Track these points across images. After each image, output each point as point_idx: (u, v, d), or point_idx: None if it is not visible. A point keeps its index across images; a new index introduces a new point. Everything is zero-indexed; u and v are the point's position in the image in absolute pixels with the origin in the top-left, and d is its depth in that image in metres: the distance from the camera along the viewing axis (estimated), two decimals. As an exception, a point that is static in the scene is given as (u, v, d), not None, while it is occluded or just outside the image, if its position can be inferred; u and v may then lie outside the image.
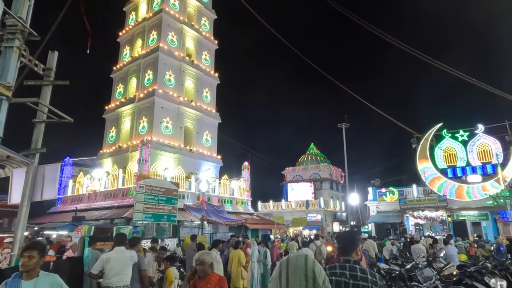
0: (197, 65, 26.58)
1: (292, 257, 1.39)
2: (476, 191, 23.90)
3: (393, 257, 12.07)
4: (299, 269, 1.31)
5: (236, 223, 18.44)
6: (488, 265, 7.09)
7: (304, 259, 1.40)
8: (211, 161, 25.89)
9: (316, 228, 35.48)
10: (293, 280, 1.29)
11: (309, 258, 1.43)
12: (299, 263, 1.31)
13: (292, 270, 1.32)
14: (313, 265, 1.34)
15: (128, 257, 5.00)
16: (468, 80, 9.09)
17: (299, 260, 1.32)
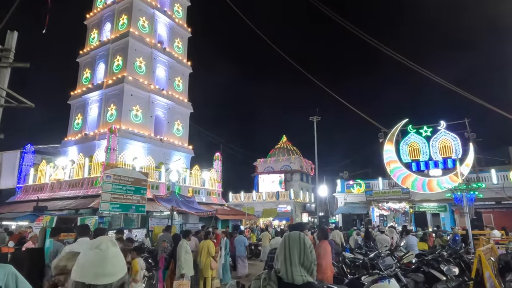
0: (169, 53, 25.92)
1: (292, 233, 2.05)
2: (435, 184, 25.21)
3: (358, 246, 12.54)
4: (296, 240, 1.99)
5: (206, 214, 18.38)
6: (444, 254, 7.55)
7: (299, 234, 2.04)
8: (182, 151, 25.54)
9: (286, 219, 36.15)
10: (293, 246, 1.95)
11: (301, 234, 2.05)
12: (296, 236, 2.01)
13: (292, 240, 1.99)
14: (304, 238, 2.02)
15: None
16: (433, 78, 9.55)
17: (296, 234, 2.02)
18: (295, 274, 1.87)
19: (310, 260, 1.93)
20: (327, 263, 5.65)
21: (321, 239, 6.00)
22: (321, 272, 5.46)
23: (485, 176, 24.65)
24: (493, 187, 23.02)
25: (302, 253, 1.92)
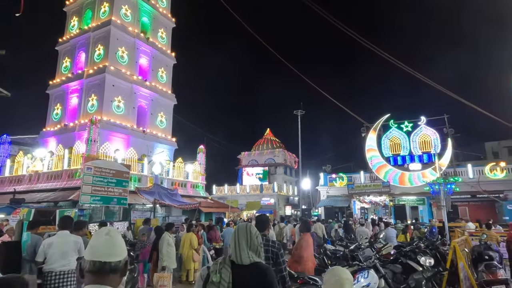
0: (152, 43, 25.42)
1: (240, 224, 2.52)
2: (416, 178, 25.90)
3: (339, 238, 12.79)
4: (243, 229, 2.41)
5: (189, 207, 18.31)
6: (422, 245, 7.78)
7: (246, 225, 2.48)
8: (165, 144, 25.25)
9: (269, 211, 36.37)
10: (241, 234, 2.36)
11: (249, 224, 2.50)
12: (243, 226, 2.46)
13: (240, 229, 2.42)
14: (250, 227, 2.45)
15: (72, 241, 4.77)
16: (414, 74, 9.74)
17: (243, 225, 2.48)
18: (243, 256, 2.28)
19: (256, 244, 2.34)
20: (309, 255, 5.74)
21: (303, 232, 6.09)
22: (303, 263, 5.55)
23: (462, 170, 25.48)
24: (469, 181, 23.85)
25: (248, 239, 2.33)
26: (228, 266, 2.25)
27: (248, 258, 2.27)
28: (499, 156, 32.50)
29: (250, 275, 2.23)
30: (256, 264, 2.28)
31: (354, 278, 4.98)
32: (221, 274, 2.22)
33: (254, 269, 2.26)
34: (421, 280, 5.17)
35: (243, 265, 2.26)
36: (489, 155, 34.56)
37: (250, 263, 2.26)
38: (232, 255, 2.32)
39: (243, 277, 2.22)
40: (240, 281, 2.20)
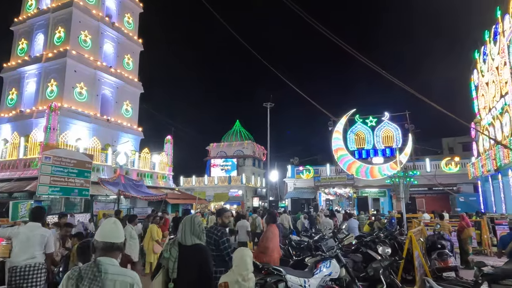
0: (118, 28, 24.36)
1: (187, 216, 3.17)
2: (377, 171, 26.99)
3: (304, 229, 13.10)
4: (189, 219, 3.09)
5: (155, 198, 17.95)
6: (381, 235, 8.15)
7: (191, 216, 3.14)
8: (131, 133, 24.47)
9: (237, 203, 36.55)
10: (187, 223, 3.04)
11: (194, 215, 3.15)
12: (189, 217, 3.12)
13: (186, 220, 3.09)
14: (194, 218, 3.12)
15: (40, 235, 4.52)
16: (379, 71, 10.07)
17: (189, 216, 3.14)
18: (187, 239, 2.99)
19: (198, 231, 3.04)
20: (275, 246, 5.83)
21: (270, 223, 6.16)
22: (268, 254, 5.63)
23: (420, 164, 26.89)
24: (426, 175, 25.21)
25: (192, 227, 3.02)
26: (176, 246, 2.97)
27: (191, 240, 2.98)
28: (454, 152, 34.59)
29: (192, 252, 2.95)
30: (196, 245, 3.00)
31: (316, 267, 5.13)
32: (171, 252, 2.93)
33: (195, 249, 2.97)
34: (379, 268, 5.42)
35: (186, 246, 2.97)
36: (445, 150, 36.68)
37: (191, 244, 2.98)
38: (179, 238, 3.03)
39: (186, 254, 2.93)
40: (184, 257, 2.92)
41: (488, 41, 18.69)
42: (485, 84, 19.74)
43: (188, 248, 2.95)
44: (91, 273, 1.93)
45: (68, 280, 1.94)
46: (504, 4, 15.68)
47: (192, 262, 2.90)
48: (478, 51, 20.86)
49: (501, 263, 5.35)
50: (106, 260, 2.00)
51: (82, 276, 1.93)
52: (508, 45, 15.18)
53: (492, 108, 18.40)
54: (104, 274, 1.93)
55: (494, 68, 17.68)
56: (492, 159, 17.07)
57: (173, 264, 2.86)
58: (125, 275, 2.01)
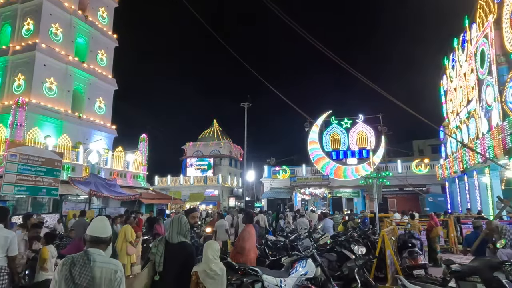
0: (92, 22, 23.57)
1: (174, 216, 3.49)
2: (351, 172, 27.62)
3: (280, 229, 13.17)
4: (176, 219, 3.39)
5: (129, 198, 17.52)
6: (355, 235, 8.34)
7: (179, 216, 3.44)
8: (104, 131, 23.75)
9: (213, 203, 36.32)
10: (174, 223, 3.34)
11: (180, 216, 3.45)
12: (176, 217, 3.42)
13: (174, 220, 3.39)
14: (180, 218, 3.40)
15: (2, 237, 4.26)
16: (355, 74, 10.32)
17: (176, 216, 3.43)
18: (173, 237, 3.28)
19: (184, 230, 3.33)
20: (251, 246, 5.82)
21: (246, 223, 6.14)
22: (245, 254, 5.61)
23: (392, 165, 27.74)
24: (398, 176, 26.04)
25: (178, 226, 3.31)
26: (163, 243, 3.28)
27: (177, 238, 3.27)
28: (424, 154, 35.96)
29: (177, 249, 3.24)
30: (182, 242, 3.28)
31: (293, 267, 5.16)
32: (158, 248, 3.25)
33: (180, 246, 3.26)
34: (353, 267, 5.52)
35: (173, 243, 3.26)
36: (416, 152, 38.05)
37: (177, 242, 3.27)
38: (167, 236, 3.33)
39: (172, 251, 3.23)
40: (170, 253, 3.22)
41: (457, 48, 19.55)
42: (453, 89, 20.63)
43: (174, 245, 3.25)
44: (82, 260, 2.30)
45: (63, 265, 2.29)
46: (472, 14, 16.44)
47: (177, 257, 3.22)
48: (447, 57, 21.77)
49: (467, 261, 5.60)
50: (94, 250, 2.37)
51: (74, 262, 2.28)
52: (475, 52, 15.93)
53: (460, 112, 19.26)
54: (92, 262, 2.30)
55: (462, 75, 18.50)
56: (459, 161, 17.86)
57: (160, 258, 3.19)
58: (110, 263, 2.37)
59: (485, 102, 14.70)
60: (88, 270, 2.25)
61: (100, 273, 2.28)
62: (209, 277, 3.13)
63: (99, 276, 2.27)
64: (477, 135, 15.70)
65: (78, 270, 2.24)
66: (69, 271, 2.23)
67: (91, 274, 2.24)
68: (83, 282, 2.21)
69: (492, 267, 4.16)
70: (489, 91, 14.23)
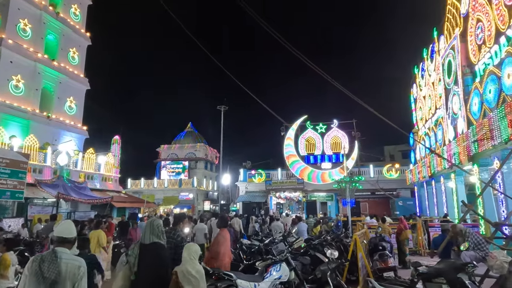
0: (63, 19, 22.77)
1: (148, 220, 3.79)
2: (325, 176, 28.10)
3: (255, 233, 13.17)
4: (149, 222, 3.61)
5: (99, 201, 16.97)
6: (328, 238, 8.47)
7: (152, 220, 3.67)
8: (74, 132, 22.93)
9: (187, 206, 35.82)
10: (148, 226, 3.61)
11: (153, 219, 3.73)
12: (149, 220, 3.64)
13: (148, 223, 3.64)
14: (154, 221, 3.65)
15: None
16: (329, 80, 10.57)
17: (150, 220, 3.67)
18: (146, 238, 3.55)
19: (157, 231, 3.60)
20: (225, 250, 5.78)
21: (221, 227, 6.10)
22: (219, 259, 5.57)
23: (365, 170, 28.48)
24: (370, 180, 26.77)
25: (151, 228, 3.59)
26: (137, 245, 3.57)
27: (149, 239, 3.55)
28: (394, 159, 37.13)
29: (150, 249, 3.51)
30: (155, 242, 3.55)
31: (267, 271, 5.18)
32: (133, 250, 3.54)
33: (153, 246, 3.55)
34: (326, 271, 5.61)
35: (146, 244, 3.54)
36: (387, 158, 39.24)
37: (150, 242, 3.54)
38: (142, 239, 3.60)
39: (145, 251, 3.50)
40: (144, 254, 3.49)
41: (426, 58, 20.42)
42: (423, 97, 21.52)
43: (147, 245, 3.52)
44: (50, 257, 2.63)
45: (33, 262, 2.60)
46: (440, 26, 17.26)
47: (150, 256, 3.46)
48: (417, 66, 22.70)
49: (434, 263, 5.83)
50: (60, 249, 2.70)
51: (43, 259, 2.62)
52: (442, 63, 16.71)
53: (428, 120, 20.10)
54: (59, 259, 2.64)
55: (431, 83, 19.35)
56: (427, 167, 18.61)
57: (134, 259, 3.44)
58: (75, 260, 2.72)
59: (451, 110, 15.43)
60: (56, 266, 2.59)
61: (66, 267, 2.62)
62: (185, 278, 3.32)
63: (64, 270, 2.62)
64: (444, 142, 16.44)
65: (47, 265, 2.58)
66: (39, 267, 2.57)
67: (58, 269, 2.59)
68: (51, 276, 2.56)
69: (456, 269, 4.36)
70: (455, 100, 14.96)
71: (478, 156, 12.22)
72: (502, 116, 9.84)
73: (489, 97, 11.57)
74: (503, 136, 9.80)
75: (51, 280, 2.55)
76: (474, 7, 13.26)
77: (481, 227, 11.68)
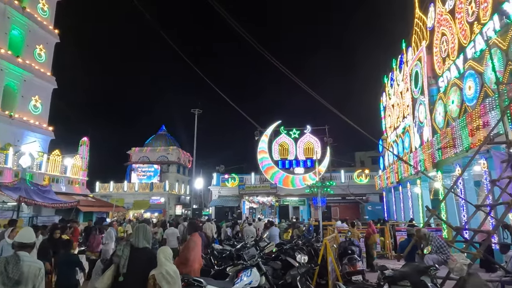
0: (30, 14, 21.75)
1: (139, 224, 3.88)
2: (298, 181, 28.45)
3: (227, 238, 13.09)
4: (142, 226, 3.79)
5: (65, 206, 16.25)
6: (300, 243, 8.56)
7: (143, 225, 3.85)
8: (39, 132, 21.87)
9: (159, 211, 35.03)
10: (140, 230, 3.73)
11: (144, 224, 3.87)
12: (142, 225, 3.84)
13: (140, 226, 3.77)
14: (144, 226, 3.81)
15: None
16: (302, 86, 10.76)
17: (141, 225, 3.85)
18: (139, 242, 3.66)
19: (149, 236, 3.78)
20: (196, 256, 5.69)
21: (191, 233, 6.01)
22: (189, 265, 5.47)
23: (336, 175, 29.10)
24: (341, 185, 27.36)
25: (144, 233, 3.73)
26: (128, 247, 3.64)
27: (142, 244, 3.68)
28: (364, 165, 38.18)
29: (142, 253, 3.62)
30: (146, 247, 3.71)
31: (238, 276, 5.15)
32: (123, 251, 3.57)
33: (144, 251, 3.67)
34: (296, 275, 5.66)
35: (138, 248, 3.64)
36: (357, 163, 40.29)
37: (142, 247, 3.67)
38: (132, 241, 3.69)
39: (136, 254, 3.59)
40: (134, 257, 3.57)
41: (395, 68, 21.26)
42: (391, 106, 22.35)
43: (139, 249, 3.63)
44: (14, 260, 2.98)
45: None
46: (408, 38, 18.05)
47: (141, 260, 3.56)
48: (387, 76, 23.57)
49: (400, 266, 6.03)
50: (22, 253, 3.06)
51: (8, 261, 2.95)
52: (410, 73, 17.46)
53: (397, 127, 20.88)
54: (22, 261, 2.99)
55: (399, 93, 20.14)
56: (395, 173, 19.29)
57: (125, 261, 3.51)
58: (36, 263, 3.09)
59: (418, 119, 16.12)
60: (19, 267, 2.95)
61: (28, 269, 2.99)
62: (164, 279, 3.40)
63: (27, 271, 2.98)
64: (411, 149, 17.12)
65: (11, 267, 2.93)
66: (4, 268, 2.92)
67: (21, 270, 2.96)
68: (15, 276, 2.92)
69: (419, 272, 4.53)
70: (421, 109, 15.65)
71: (442, 163, 12.83)
72: (463, 125, 10.40)
73: (452, 107, 12.20)
74: (464, 145, 10.35)
75: (15, 280, 2.91)
76: (439, 22, 13.98)
77: (444, 231, 12.23)
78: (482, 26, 10.68)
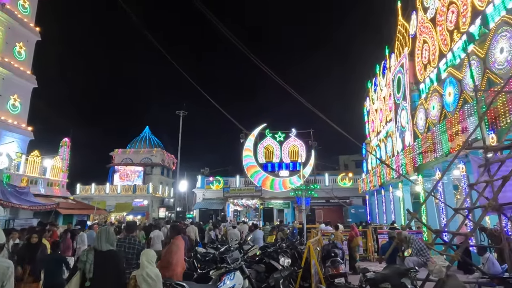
0: (10, 11, 21.15)
1: (102, 227, 3.97)
2: (277, 185, 28.56)
3: (210, 241, 12.98)
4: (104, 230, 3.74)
5: (43, 208, 15.81)
6: (283, 246, 8.57)
7: (106, 227, 3.82)
8: (17, 132, 21.21)
9: (142, 213, 34.50)
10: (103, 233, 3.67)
11: (107, 227, 3.87)
12: (104, 228, 3.77)
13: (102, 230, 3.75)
14: (109, 229, 3.80)
15: None
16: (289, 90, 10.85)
17: (104, 227, 3.79)
18: (103, 246, 3.61)
19: (111, 239, 3.71)
20: (178, 260, 5.61)
21: (173, 236, 5.93)
22: (171, 269, 5.39)
23: (320, 178, 29.36)
24: (325, 188, 27.63)
25: (107, 235, 3.67)
26: (92, 251, 3.59)
27: (106, 246, 3.62)
28: (348, 168, 38.67)
29: (107, 256, 3.58)
30: (110, 250, 3.64)
31: (221, 280, 5.11)
32: (87, 256, 3.52)
33: (109, 254, 3.61)
34: (279, 279, 5.66)
35: (102, 251, 3.59)
36: (341, 167, 40.74)
37: (106, 250, 3.61)
38: (95, 245, 3.64)
39: (101, 258, 3.54)
40: (99, 261, 3.52)
41: (378, 73, 21.67)
42: (375, 110, 22.76)
43: (103, 253, 3.57)
44: None
45: None
46: (392, 44, 18.45)
47: (107, 263, 3.53)
48: (370, 81, 24.00)
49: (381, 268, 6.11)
50: None
51: None
52: (392, 79, 17.83)
53: (380, 132, 21.25)
54: None
55: (382, 98, 20.53)
56: (378, 176, 19.61)
57: (90, 266, 3.46)
58: (5, 262, 3.08)
59: (400, 124, 16.46)
60: None
61: None
62: (144, 281, 3.44)
63: None
64: (393, 153, 17.46)
65: None
66: None
67: None
68: None
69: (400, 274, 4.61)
70: (403, 114, 15.99)
71: (423, 167, 13.12)
72: (443, 131, 10.68)
73: (433, 113, 12.52)
74: (444, 149, 10.63)
75: None
76: (421, 29, 14.36)
77: (424, 234, 12.49)
78: (461, 35, 11.03)
